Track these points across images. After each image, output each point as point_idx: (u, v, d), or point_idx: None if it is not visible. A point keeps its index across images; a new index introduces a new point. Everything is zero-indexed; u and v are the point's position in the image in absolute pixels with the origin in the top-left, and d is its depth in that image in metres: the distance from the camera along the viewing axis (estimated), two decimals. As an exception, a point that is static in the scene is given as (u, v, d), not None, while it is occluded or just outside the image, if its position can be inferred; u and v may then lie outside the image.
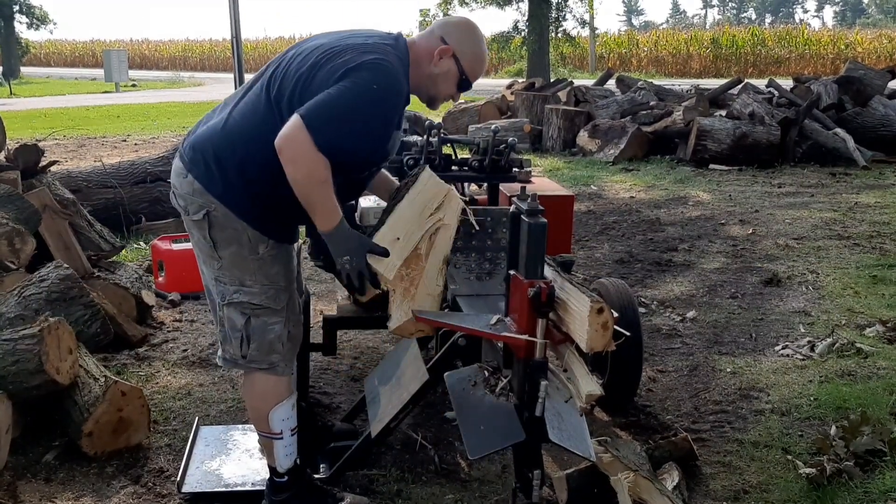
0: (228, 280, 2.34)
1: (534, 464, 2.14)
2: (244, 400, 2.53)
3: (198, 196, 2.28)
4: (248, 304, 2.34)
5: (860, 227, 6.15)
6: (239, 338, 2.36)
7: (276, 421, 2.43)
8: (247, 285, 2.33)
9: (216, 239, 2.30)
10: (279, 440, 2.45)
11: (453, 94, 2.44)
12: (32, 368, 2.84)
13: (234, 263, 2.32)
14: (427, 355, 2.85)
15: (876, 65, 18.98)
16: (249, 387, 2.47)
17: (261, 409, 2.44)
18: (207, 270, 2.39)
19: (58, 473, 2.80)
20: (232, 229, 2.29)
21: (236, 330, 2.36)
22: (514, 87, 13.70)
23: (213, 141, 2.29)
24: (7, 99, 23.07)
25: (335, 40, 2.30)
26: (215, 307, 2.42)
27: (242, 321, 2.35)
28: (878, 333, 3.94)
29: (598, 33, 34.69)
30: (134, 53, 46.52)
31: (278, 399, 2.43)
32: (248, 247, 2.31)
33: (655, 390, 3.53)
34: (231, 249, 2.31)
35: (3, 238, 3.77)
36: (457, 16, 2.43)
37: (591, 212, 7.11)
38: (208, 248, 2.32)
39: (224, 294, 2.35)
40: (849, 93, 10.22)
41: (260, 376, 2.42)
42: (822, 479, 2.61)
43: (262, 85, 2.30)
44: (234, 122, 2.29)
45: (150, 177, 6.49)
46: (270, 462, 2.52)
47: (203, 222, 2.29)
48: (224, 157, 2.26)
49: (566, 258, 2.37)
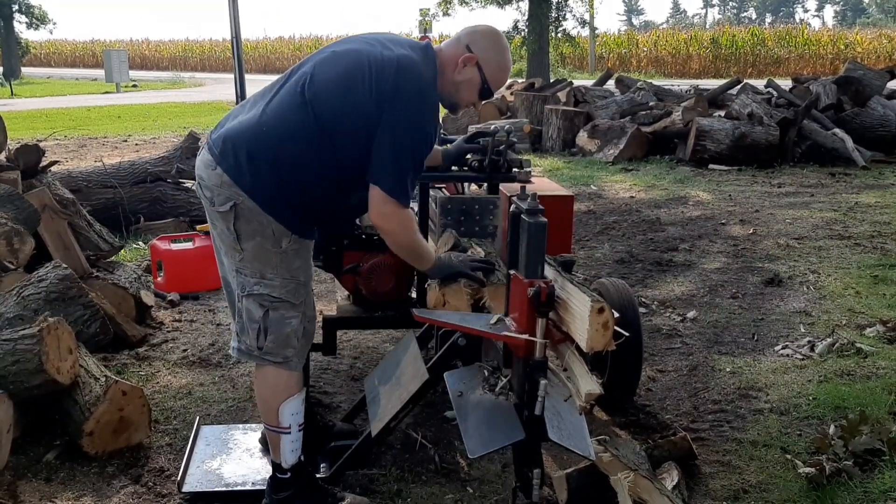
0: (249, 272, 2.36)
1: (534, 463, 2.14)
2: (255, 393, 2.54)
3: (226, 188, 2.31)
4: (267, 296, 2.36)
5: (861, 227, 6.15)
6: (256, 329, 2.39)
7: (285, 415, 2.45)
8: (267, 278, 2.36)
9: (240, 231, 2.32)
10: (287, 435, 2.47)
11: (475, 102, 2.53)
12: (32, 368, 2.84)
13: (256, 256, 2.35)
14: (427, 355, 2.85)
15: (876, 65, 18.99)
16: (262, 380, 2.49)
17: (271, 403, 2.46)
18: (228, 261, 2.41)
19: (58, 473, 2.80)
20: (257, 222, 2.31)
21: (254, 321, 2.38)
22: (514, 87, 13.68)
23: (247, 135, 2.32)
24: (8, 99, 23.08)
25: (369, 48, 2.37)
26: (233, 298, 2.45)
27: (261, 313, 2.37)
28: (878, 333, 3.94)
29: (598, 33, 34.69)
30: (134, 53, 46.52)
31: (289, 393, 2.45)
32: (272, 240, 2.33)
33: (655, 390, 3.53)
34: (254, 242, 2.33)
35: (3, 238, 3.77)
36: (484, 24, 2.48)
37: (591, 212, 7.11)
38: (231, 240, 2.35)
39: (244, 285, 2.37)
40: (848, 93, 10.22)
41: (273, 370, 2.44)
42: (822, 479, 2.61)
43: (298, 83, 2.34)
44: (268, 118, 2.32)
45: (150, 177, 6.50)
46: (275, 458, 2.52)
47: (229, 214, 2.31)
48: (257, 151, 2.30)
49: (567, 258, 2.39)
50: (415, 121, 2.30)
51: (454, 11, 23.08)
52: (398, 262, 3.30)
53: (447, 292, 2.48)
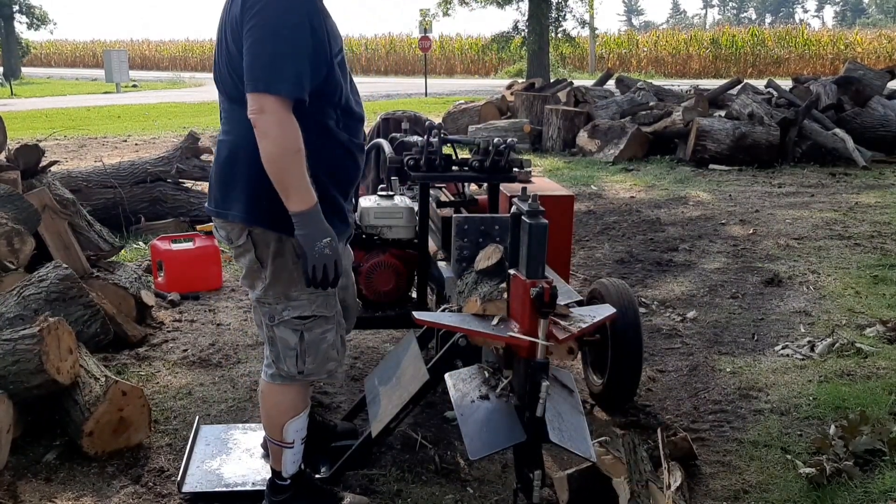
0: (273, 298, 2.28)
1: (534, 464, 2.14)
2: (260, 404, 2.49)
3: (234, 224, 2.26)
4: (298, 319, 2.28)
5: (861, 227, 6.15)
6: (294, 356, 2.32)
7: (290, 432, 2.42)
8: (292, 298, 2.27)
9: (262, 257, 2.25)
10: (289, 449, 2.45)
11: None
12: (33, 368, 2.84)
13: (278, 278, 2.25)
14: (427, 355, 2.85)
15: (875, 65, 19.00)
16: (267, 394, 2.43)
17: (276, 420, 2.42)
18: (253, 294, 2.33)
19: (58, 473, 2.80)
20: (274, 241, 2.23)
21: (290, 348, 2.31)
22: (514, 87, 13.69)
23: (214, 173, 2.29)
24: (8, 99, 23.09)
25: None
26: (262, 326, 2.38)
27: (296, 339, 2.30)
28: (878, 333, 3.94)
29: (598, 33, 34.69)
30: (134, 54, 46.54)
31: (296, 412, 2.41)
32: (292, 256, 2.23)
33: (655, 390, 3.53)
34: (276, 263, 2.25)
35: (3, 238, 3.77)
36: None
37: (591, 212, 7.11)
38: (256, 270, 2.27)
39: (272, 315, 2.30)
40: (848, 93, 10.22)
41: (279, 388, 2.39)
42: (822, 479, 2.61)
43: (221, 92, 2.29)
44: (219, 146, 2.28)
45: (150, 177, 6.50)
46: (275, 466, 2.51)
47: (248, 244, 2.25)
48: (229, 180, 2.23)
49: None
50: (275, 13, 2.04)
51: (454, 11, 23.18)
52: (398, 262, 3.31)
53: (488, 307, 2.35)
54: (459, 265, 2.77)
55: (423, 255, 3.28)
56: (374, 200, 3.36)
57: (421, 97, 22.01)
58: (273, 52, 2.03)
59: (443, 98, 20.77)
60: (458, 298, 2.60)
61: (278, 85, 2.02)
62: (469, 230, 2.78)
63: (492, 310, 2.34)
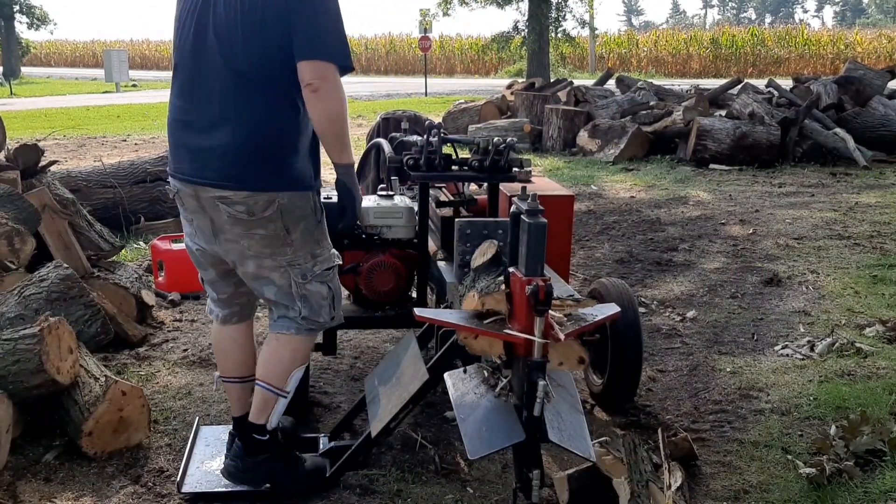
0: (303, 259, 2.45)
1: (534, 464, 2.13)
2: (270, 355, 2.57)
3: (260, 195, 2.35)
4: (325, 271, 2.50)
5: (861, 227, 6.15)
6: (328, 305, 2.52)
7: (293, 381, 2.57)
8: (317, 254, 2.48)
9: (288, 224, 2.39)
10: (284, 399, 2.57)
11: None
12: (33, 368, 2.84)
13: (305, 240, 2.44)
14: (427, 355, 2.85)
15: (876, 65, 18.98)
16: (287, 344, 2.54)
17: (289, 367, 2.55)
18: (275, 261, 2.43)
19: (58, 473, 2.80)
20: (300, 206, 2.40)
21: (323, 299, 2.51)
22: (514, 87, 13.69)
23: (226, 153, 2.37)
24: (7, 99, 23.07)
25: None
26: (282, 295, 2.48)
27: (326, 290, 2.51)
28: (878, 333, 3.94)
29: (598, 33, 34.70)
30: (134, 53, 46.54)
31: (304, 361, 2.63)
32: (313, 215, 2.44)
33: (655, 390, 3.53)
34: (301, 227, 2.42)
35: (3, 238, 3.77)
36: None
37: (591, 212, 7.11)
38: (281, 238, 2.40)
39: (304, 273, 2.46)
40: (848, 93, 10.22)
41: (306, 338, 2.56)
42: (822, 479, 2.61)
43: (226, 72, 2.33)
44: (224, 125, 2.34)
45: (149, 177, 6.49)
46: (258, 419, 2.59)
47: (275, 213, 2.36)
48: (252, 157, 2.35)
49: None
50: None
51: (454, 11, 23.18)
52: (398, 262, 3.30)
53: (486, 300, 2.36)
54: (461, 270, 2.76)
55: (423, 254, 3.28)
56: (374, 200, 3.36)
57: (421, 97, 22.01)
58: (331, 27, 2.26)
59: (443, 98, 20.76)
60: (459, 302, 2.60)
61: (338, 56, 2.27)
62: (472, 234, 2.78)
63: (491, 303, 2.34)
